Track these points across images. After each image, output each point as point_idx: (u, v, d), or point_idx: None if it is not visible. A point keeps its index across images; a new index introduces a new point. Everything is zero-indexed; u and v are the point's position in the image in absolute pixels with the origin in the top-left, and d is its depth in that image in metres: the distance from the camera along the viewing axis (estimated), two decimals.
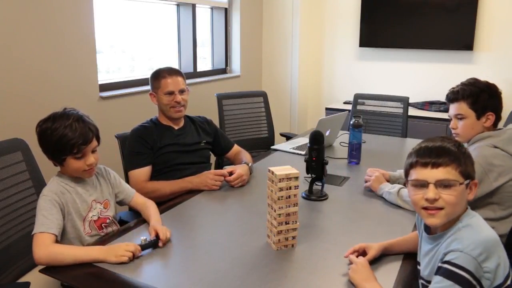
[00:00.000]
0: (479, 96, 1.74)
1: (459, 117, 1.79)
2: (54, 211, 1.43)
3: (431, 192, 1.11)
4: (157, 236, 1.45)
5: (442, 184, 1.11)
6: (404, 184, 1.27)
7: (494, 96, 1.75)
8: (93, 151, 1.53)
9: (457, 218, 1.15)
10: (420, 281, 1.23)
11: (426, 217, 1.14)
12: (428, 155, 1.13)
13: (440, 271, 1.06)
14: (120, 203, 1.73)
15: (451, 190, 1.10)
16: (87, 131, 1.48)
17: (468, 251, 1.04)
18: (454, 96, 1.79)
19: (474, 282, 1.02)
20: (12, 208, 1.60)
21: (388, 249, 1.39)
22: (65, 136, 1.44)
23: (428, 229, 1.22)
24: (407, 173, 1.19)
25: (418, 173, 1.14)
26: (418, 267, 1.26)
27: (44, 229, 1.38)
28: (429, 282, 1.15)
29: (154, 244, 1.44)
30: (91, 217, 1.55)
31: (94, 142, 1.52)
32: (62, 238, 1.47)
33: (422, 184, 1.13)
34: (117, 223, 1.67)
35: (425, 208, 1.13)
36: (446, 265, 1.05)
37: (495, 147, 1.69)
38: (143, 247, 1.40)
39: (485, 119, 1.75)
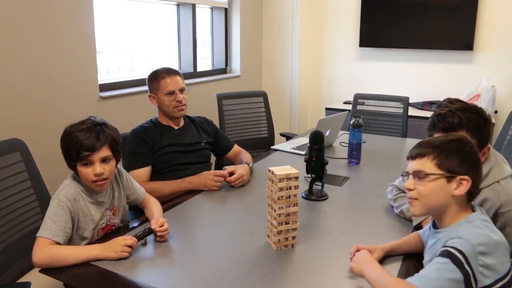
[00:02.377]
0: (480, 127, 1.45)
1: None
2: (64, 218, 1.41)
3: (408, 182, 1.19)
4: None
5: (416, 176, 1.17)
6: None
7: (490, 126, 1.49)
8: (104, 161, 1.46)
9: (462, 216, 1.15)
10: None
11: (410, 206, 1.22)
12: (412, 148, 1.21)
13: (438, 254, 1.08)
14: (130, 204, 1.71)
15: (423, 181, 1.15)
16: (96, 138, 1.43)
17: (467, 238, 1.05)
18: (455, 121, 1.46)
19: (467, 268, 1.02)
20: (11, 208, 1.60)
21: (391, 252, 1.39)
22: (73, 141, 1.42)
23: (434, 224, 1.24)
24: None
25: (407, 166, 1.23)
26: (424, 261, 1.26)
27: (49, 235, 1.37)
28: None
29: (149, 232, 1.45)
30: (101, 224, 1.55)
31: (104, 152, 1.45)
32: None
33: (407, 175, 1.21)
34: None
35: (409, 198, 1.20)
36: (444, 248, 1.07)
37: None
38: (139, 237, 1.42)
39: (482, 153, 1.46)
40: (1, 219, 1.56)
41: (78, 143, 1.42)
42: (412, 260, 1.37)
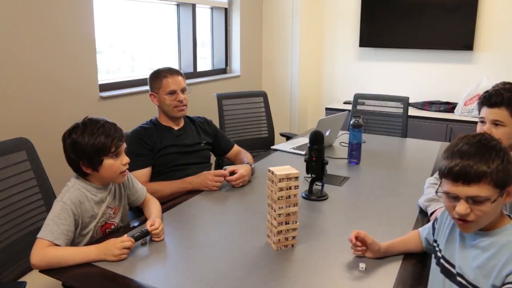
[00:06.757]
0: None
1: (498, 123, 1.64)
2: (67, 221, 1.41)
3: (461, 207, 1.08)
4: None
5: (473, 200, 1.07)
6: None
7: None
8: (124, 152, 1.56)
9: (504, 217, 1.12)
10: (458, 278, 1.15)
11: (458, 226, 1.14)
12: (460, 167, 1.07)
13: None
14: (131, 204, 1.71)
15: (483, 206, 1.07)
16: (118, 129, 1.53)
17: None
18: (497, 99, 1.62)
19: None
20: (15, 206, 1.61)
21: (388, 250, 1.38)
22: (101, 137, 1.47)
23: None
24: (440, 176, 1.16)
25: (449, 186, 1.11)
26: (443, 262, 1.21)
27: (51, 238, 1.36)
28: (471, 284, 1.11)
29: (145, 233, 1.46)
30: (100, 222, 1.55)
31: (125, 143, 1.56)
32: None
33: (453, 197, 1.10)
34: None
35: (457, 219, 1.11)
36: None
37: None
38: (136, 238, 1.42)
39: None
40: (6, 217, 1.57)
41: (109, 136, 1.48)
42: (412, 260, 1.37)
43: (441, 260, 1.21)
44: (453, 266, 1.17)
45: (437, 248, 1.25)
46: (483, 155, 1.07)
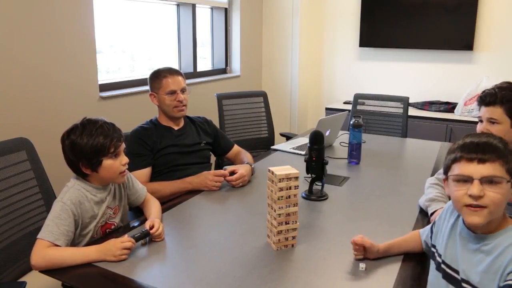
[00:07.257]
0: None
1: (492, 121, 1.69)
2: (67, 221, 1.41)
3: (475, 188, 1.04)
4: (151, 228, 1.48)
5: (488, 181, 1.04)
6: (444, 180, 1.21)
7: None
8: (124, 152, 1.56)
9: (506, 219, 1.10)
10: (464, 284, 1.11)
11: (468, 215, 1.07)
12: (474, 150, 1.07)
13: None
14: (131, 204, 1.71)
15: (497, 188, 1.04)
16: (117, 130, 1.53)
17: None
18: (491, 99, 1.68)
19: None
20: (15, 206, 1.61)
21: (388, 250, 1.38)
22: (99, 137, 1.46)
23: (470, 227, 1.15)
24: (448, 169, 1.13)
25: (462, 168, 1.07)
26: (445, 267, 1.18)
27: (51, 239, 1.36)
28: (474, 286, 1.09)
29: (146, 234, 1.46)
30: (100, 222, 1.55)
31: (123, 143, 1.56)
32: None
33: (465, 180, 1.07)
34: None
35: (468, 205, 1.06)
36: None
37: None
38: (137, 239, 1.42)
39: None
40: (6, 217, 1.57)
41: (108, 137, 1.47)
42: (412, 261, 1.37)
43: (442, 266, 1.19)
44: (457, 272, 1.14)
45: (436, 254, 1.23)
46: (493, 143, 1.08)
